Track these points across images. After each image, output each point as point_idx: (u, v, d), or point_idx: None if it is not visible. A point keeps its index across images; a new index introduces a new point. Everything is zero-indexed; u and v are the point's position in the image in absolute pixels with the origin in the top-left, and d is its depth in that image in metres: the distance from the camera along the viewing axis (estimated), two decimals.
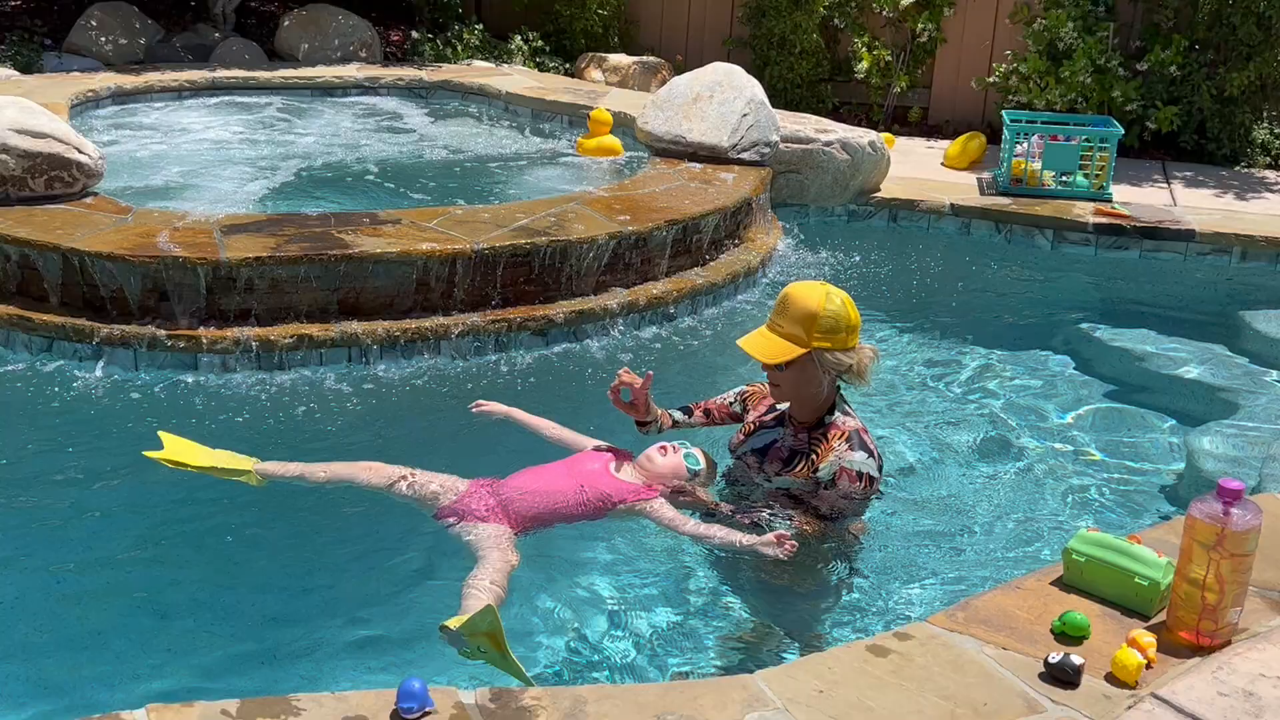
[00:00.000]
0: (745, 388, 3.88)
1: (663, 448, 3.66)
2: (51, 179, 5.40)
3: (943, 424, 4.79)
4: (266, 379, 4.76)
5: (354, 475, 3.72)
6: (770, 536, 3.29)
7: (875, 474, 3.52)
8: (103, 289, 4.86)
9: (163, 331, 4.78)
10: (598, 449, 3.77)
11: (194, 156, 7.14)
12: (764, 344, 3.49)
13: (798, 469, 3.52)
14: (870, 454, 3.53)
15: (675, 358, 5.28)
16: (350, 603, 3.49)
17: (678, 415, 3.85)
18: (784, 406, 3.68)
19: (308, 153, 7.36)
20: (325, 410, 4.59)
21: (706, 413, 3.86)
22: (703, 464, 3.65)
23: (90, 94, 7.93)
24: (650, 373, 3.73)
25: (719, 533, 3.45)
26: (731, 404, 3.85)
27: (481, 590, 3.15)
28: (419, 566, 3.61)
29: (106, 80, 8.27)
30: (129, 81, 8.33)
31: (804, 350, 3.42)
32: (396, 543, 3.70)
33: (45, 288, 4.96)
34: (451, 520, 3.51)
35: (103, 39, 9.16)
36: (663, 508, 3.53)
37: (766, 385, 3.78)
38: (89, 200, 5.48)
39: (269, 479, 3.75)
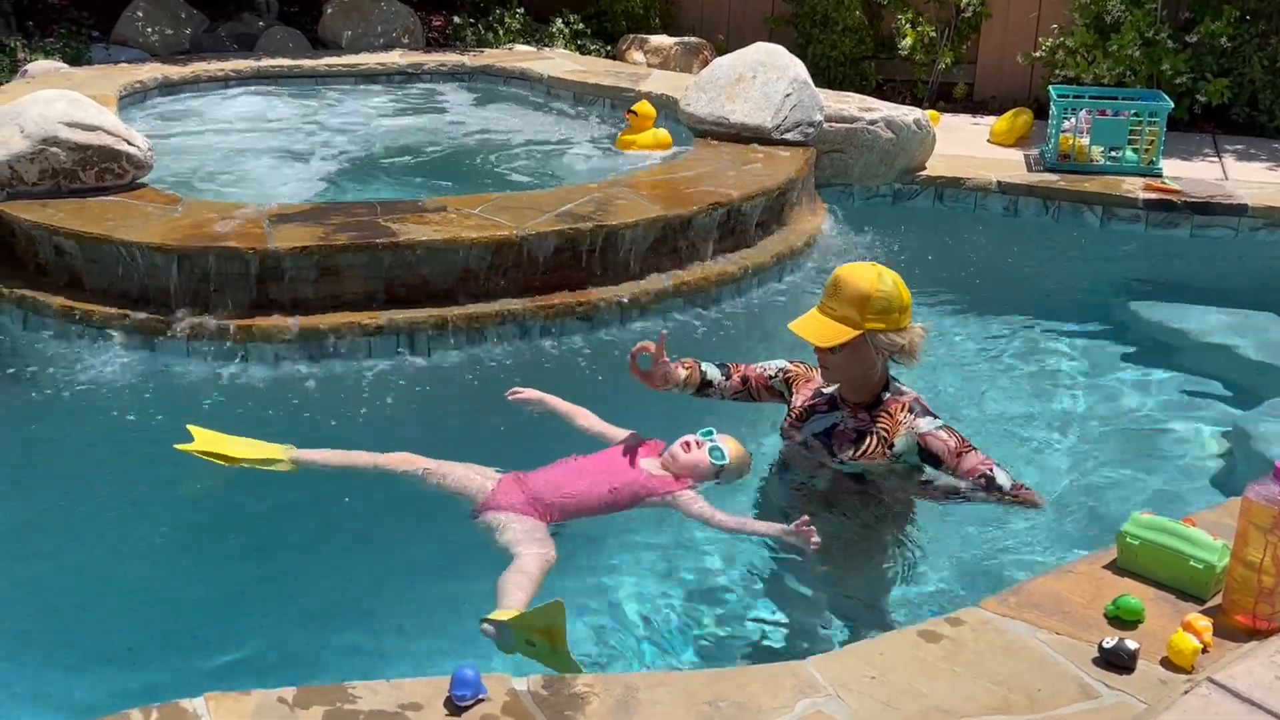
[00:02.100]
0: (787, 366, 3.83)
1: (686, 443, 3.64)
2: (102, 171, 5.46)
3: (992, 406, 4.75)
4: (315, 368, 4.80)
5: (386, 464, 3.76)
6: (793, 526, 3.28)
7: (951, 426, 3.52)
8: (153, 280, 4.92)
9: (212, 321, 4.83)
10: (629, 441, 3.75)
11: (241, 146, 7.20)
12: (816, 327, 3.48)
13: (871, 450, 3.49)
14: (935, 416, 3.53)
15: (720, 342, 5.26)
16: (401, 591, 3.53)
17: (713, 374, 3.79)
18: (831, 389, 3.66)
19: (352, 141, 7.40)
20: (373, 398, 4.63)
21: (745, 380, 3.79)
22: (729, 457, 3.63)
23: (138, 85, 8.01)
24: (664, 332, 3.72)
25: (749, 524, 3.46)
26: (771, 378, 3.80)
27: (518, 586, 3.16)
28: (467, 555, 3.63)
29: (153, 71, 8.34)
30: (175, 72, 8.40)
31: (857, 332, 3.41)
32: (443, 531, 3.72)
33: (97, 280, 5.03)
34: (485, 514, 3.52)
35: (149, 30, 9.25)
36: (691, 501, 3.53)
37: (807, 367, 3.76)
38: (139, 191, 5.54)
39: (302, 466, 3.78)
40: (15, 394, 4.68)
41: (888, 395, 3.56)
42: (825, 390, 3.68)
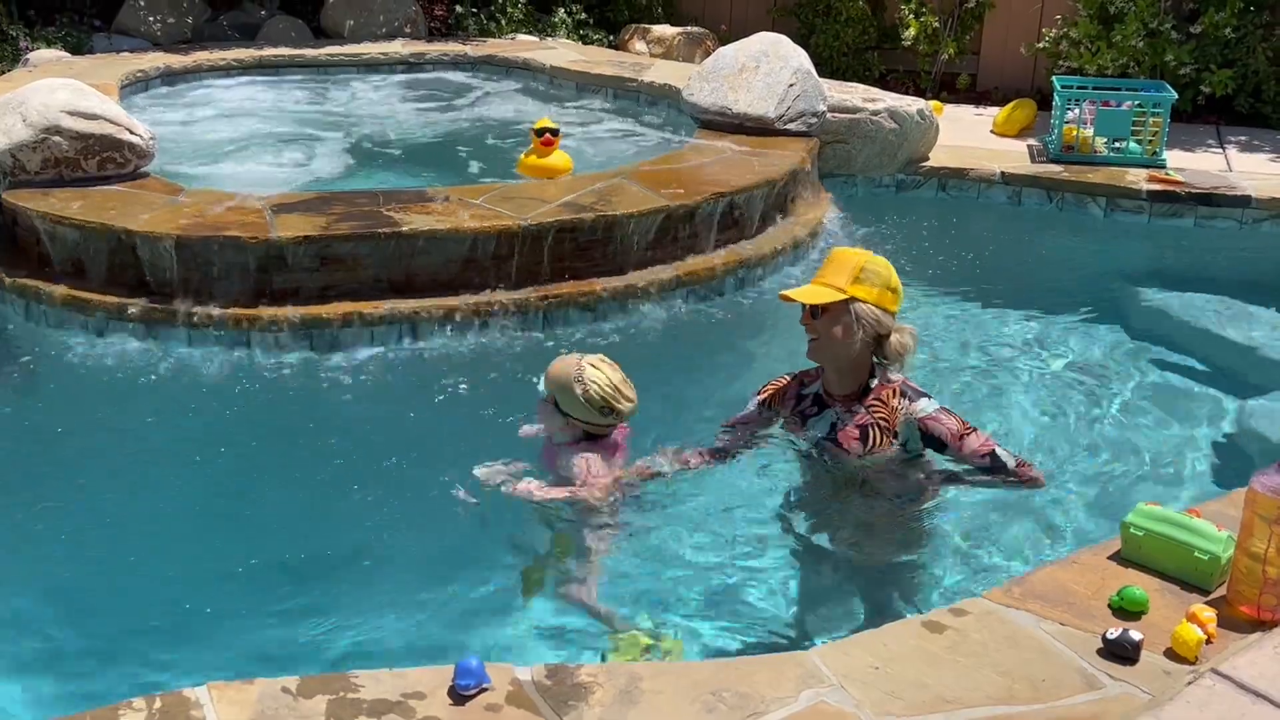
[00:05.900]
0: (756, 395, 3.74)
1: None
2: (104, 160, 5.45)
3: (995, 397, 4.75)
4: (317, 357, 4.79)
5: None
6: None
7: (948, 407, 3.51)
8: (155, 269, 4.91)
9: (215, 311, 4.82)
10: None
11: (243, 135, 7.19)
12: (806, 290, 3.49)
13: (878, 444, 3.45)
14: (929, 397, 3.50)
15: (723, 332, 5.26)
16: (406, 581, 3.53)
17: (721, 442, 3.73)
18: (814, 388, 3.60)
19: (354, 130, 7.39)
20: (376, 388, 4.62)
21: (745, 423, 3.74)
22: (545, 385, 3.71)
23: (140, 74, 7.99)
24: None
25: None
26: (761, 413, 3.72)
27: None
28: (470, 546, 3.63)
29: (156, 60, 8.33)
30: (178, 61, 8.39)
31: (842, 295, 3.40)
32: (446, 523, 3.72)
33: (99, 268, 5.02)
34: None
35: (151, 19, 9.24)
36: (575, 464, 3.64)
37: (772, 383, 3.71)
38: (141, 181, 5.53)
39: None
40: (17, 383, 4.67)
41: (875, 383, 3.53)
42: (807, 391, 3.63)
